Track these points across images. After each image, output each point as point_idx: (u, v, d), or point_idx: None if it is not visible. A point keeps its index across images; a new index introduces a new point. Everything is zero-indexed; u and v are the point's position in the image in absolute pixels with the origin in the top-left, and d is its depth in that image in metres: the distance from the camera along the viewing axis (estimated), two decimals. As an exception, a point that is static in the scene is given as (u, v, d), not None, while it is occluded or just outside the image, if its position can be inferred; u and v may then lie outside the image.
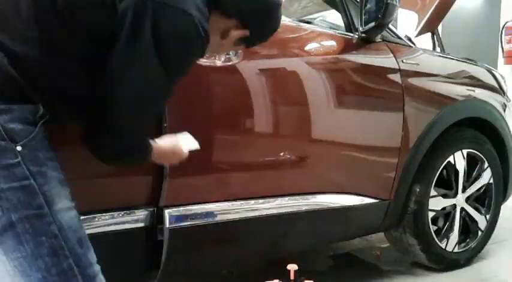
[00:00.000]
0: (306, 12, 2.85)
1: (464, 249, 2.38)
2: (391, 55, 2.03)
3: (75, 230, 0.91)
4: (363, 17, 1.87)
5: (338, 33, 1.97)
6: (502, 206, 2.55)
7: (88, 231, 1.24)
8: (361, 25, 1.89)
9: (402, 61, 2.05)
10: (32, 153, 0.85)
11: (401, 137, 2.01)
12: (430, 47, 3.01)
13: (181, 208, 1.51)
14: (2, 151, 0.82)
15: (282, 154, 1.74)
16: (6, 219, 0.83)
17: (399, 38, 2.17)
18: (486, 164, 2.38)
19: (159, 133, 1.43)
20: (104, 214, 1.36)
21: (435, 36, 3.00)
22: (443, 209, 2.27)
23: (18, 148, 0.83)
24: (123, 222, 1.35)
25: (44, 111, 0.89)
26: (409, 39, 2.40)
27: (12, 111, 0.83)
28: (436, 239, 2.24)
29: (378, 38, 2.02)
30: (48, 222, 0.86)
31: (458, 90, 2.28)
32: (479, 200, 2.44)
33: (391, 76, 2.00)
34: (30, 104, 0.86)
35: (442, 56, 2.49)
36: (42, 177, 0.86)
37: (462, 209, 2.33)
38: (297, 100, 1.75)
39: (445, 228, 2.29)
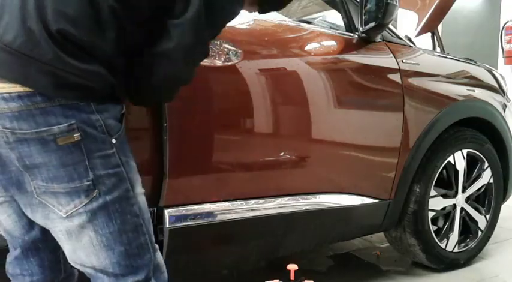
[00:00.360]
0: (306, 12, 2.85)
1: (464, 249, 2.38)
2: (391, 55, 2.03)
3: (147, 211, 1.05)
4: (363, 17, 1.87)
5: (338, 33, 1.98)
6: (502, 206, 2.55)
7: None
8: (361, 25, 1.89)
9: (402, 61, 2.05)
10: (121, 145, 0.99)
11: (401, 137, 2.01)
12: (430, 47, 3.01)
13: (181, 208, 1.51)
14: (102, 143, 0.95)
15: (282, 154, 1.74)
16: (102, 200, 0.95)
17: (399, 38, 2.17)
18: (486, 164, 2.38)
19: (159, 133, 1.44)
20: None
21: (435, 36, 3.00)
22: (443, 209, 2.27)
23: (113, 141, 0.97)
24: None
25: (124, 109, 1.03)
26: (409, 39, 2.40)
27: (108, 110, 0.96)
28: (436, 239, 2.24)
29: (378, 38, 2.02)
30: (132, 203, 1.00)
31: (458, 90, 2.29)
32: (479, 200, 2.45)
33: (391, 76, 2.00)
34: (119, 104, 1.00)
35: (442, 56, 2.49)
36: (128, 166, 1.00)
37: (462, 209, 2.33)
38: (297, 100, 1.75)
39: (445, 228, 2.29)
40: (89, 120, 0.93)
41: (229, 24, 1.11)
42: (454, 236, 2.31)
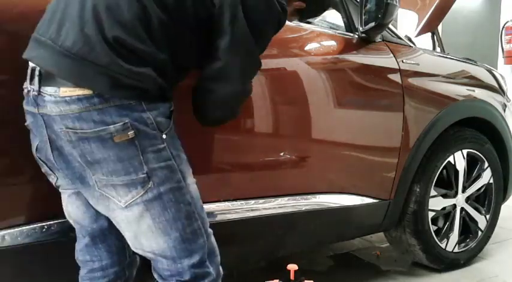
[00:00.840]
0: (306, 12, 2.84)
1: (464, 249, 2.38)
2: (391, 55, 2.03)
3: (198, 199, 1.14)
4: (363, 17, 1.87)
5: (338, 33, 1.97)
6: (502, 206, 2.55)
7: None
8: (361, 25, 1.89)
9: (402, 61, 2.05)
10: (171, 140, 1.07)
11: (401, 137, 2.01)
12: (430, 47, 3.01)
13: (181, 208, 1.50)
14: (154, 138, 1.03)
15: (282, 154, 1.74)
16: (156, 191, 1.04)
17: (399, 38, 2.17)
18: (486, 164, 2.38)
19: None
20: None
21: (435, 36, 3.00)
22: (443, 209, 2.27)
23: (164, 136, 1.05)
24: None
25: (173, 106, 1.11)
26: (409, 39, 2.40)
27: (158, 108, 1.05)
28: (436, 239, 2.24)
29: (378, 38, 2.02)
30: (184, 193, 1.09)
31: (458, 90, 2.28)
32: (479, 200, 2.45)
33: (391, 76, 2.00)
34: (167, 102, 1.08)
35: (442, 56, 2.49)
36: (179, 158, 1.09)
37: (462, 209, 2.33)
38: (296, 100, 1.75)
39: (445, 228, 2.29)
40: (141, 119, 1.01)
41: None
42: (454, 236, 2.31)
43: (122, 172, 1.01)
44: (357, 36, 1.96)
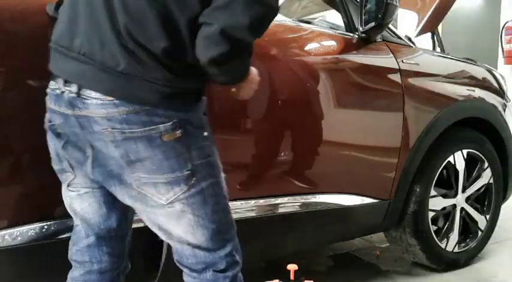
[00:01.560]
0: (306, 12, 2.85)
1: (464, 249, 2.38)
2: (391, 55, 2.03)
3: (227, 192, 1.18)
4: (363, 17, 1.87)
5: (338, 33, 1.97)
6: (502, 206, 2.55)
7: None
8: (361, 25, 1.89)
9: (402, 61, 2.05)
10: (210, 136, 1.11)
11: (401, 137, 2.01)
12: (430, 47, 3.01)
13: (181, 208, 1.50)
14: (197, 136, 1.07)
15: (282, 154, 1.74)
16: (199, 187, 1.07)
17: (399, 38, 2.17)
18: (486, 164, 2.38)
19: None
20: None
21: (435, 36, 3.00)
22: (443, 209, 2.27)
23: (205, 133, 1.09)
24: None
25: (206, 102, 1.13)
26: (409, 39, 2.40)
27: (199, 106, 1.08)
28: (436, 239, 2.24)
29: (378, 38, 2.02)
30: (221, 187, 1.14)
31: (458, 90, 2.29)
32: (479, 200, 2.45)
33: (391, 76, 2.00)
34: (203, 101, 1.11)
35: (442, 56, 2.49)
36: (215, 154, 1.12)
37: (462, 209, 2.33)
38: (296, 100, 1.75)
39: (445, 228, 2.29)
40: (187, 117, 1.04)
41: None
42: (454, 236, 2.31)
43: (167, 170, 1.03)
44: (357, 36, 1.96)
